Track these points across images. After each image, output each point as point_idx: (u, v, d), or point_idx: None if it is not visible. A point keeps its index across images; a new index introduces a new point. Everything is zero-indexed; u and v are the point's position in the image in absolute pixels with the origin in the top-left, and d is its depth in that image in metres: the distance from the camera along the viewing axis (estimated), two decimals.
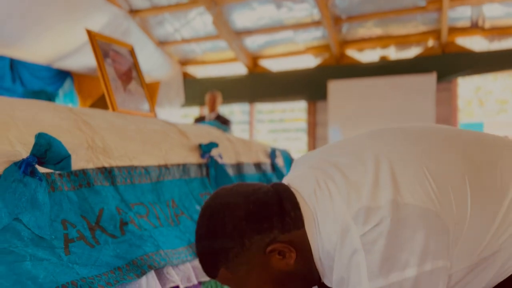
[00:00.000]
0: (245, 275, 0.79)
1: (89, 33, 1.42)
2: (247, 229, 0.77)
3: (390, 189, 0.72)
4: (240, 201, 0.79)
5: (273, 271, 0.79)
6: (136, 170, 1.07)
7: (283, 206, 0.78)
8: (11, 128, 0.80)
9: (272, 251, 0.77)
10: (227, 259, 0.78)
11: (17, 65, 4.34)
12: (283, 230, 0.77)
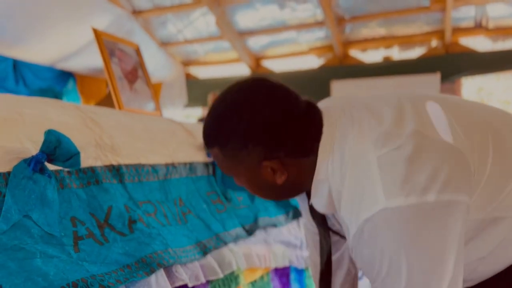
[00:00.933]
0: (233, 165, 0.81)
1: (95, 32, 1.41)
2: (258, 137, 0.76)
3: (414, 122, 0.71)
4: (269, 109, 0.76)
5: (259, 178, 0.80)
6: (143, 168, 1.06)
7: (304, 131, 0.77)
8: (20, 125, 0.79)
9: (267, 166, 0.77)
10: (225, 146, 0.78)
11: (20, 65, 4.34)
12: (289, 154, 0.77)
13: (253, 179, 0.82)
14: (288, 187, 0.82)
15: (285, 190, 0.84)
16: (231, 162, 0.80)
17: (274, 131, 0.76)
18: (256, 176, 0.80)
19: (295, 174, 0.79)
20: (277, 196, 0.88)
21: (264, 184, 0.81)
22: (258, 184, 0.82)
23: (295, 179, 0.80)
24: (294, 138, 0.77)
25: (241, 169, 0.80)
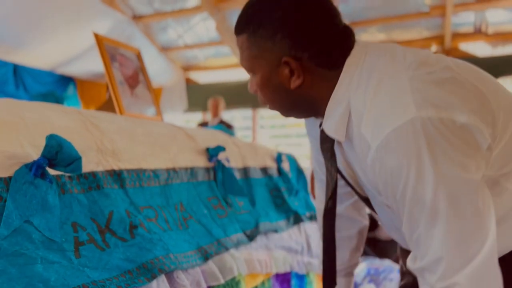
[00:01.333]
0: (255, 57, 0.80)
1: (96, 37, 1.41)
2: (289, 29, 0.75)
3: (450, 61, 0.74)
4: (310, 6, 0.75)
5: (275, 78, 0.79)
6: (145, 173, 1.06)
7: (336, 41, 0.77)
8: (22, 130, 0.79)
9: (287, 63, 0.76)
10: (255, 32, 0.78)
11: (20, 70, 4.35)
12: (313, 59, 0.76)
13: (268, 78, 0.80)
14: (299, 98, 0.80)
15: (295, 101, 0.81)
16: (255, 51, 0.79)
17: (307, 29, 0.75)
18: (272, 75, 0.79)
19: (310, 85, 0.78)
20: (285, 106, 0.84)
21: (277, 87, 0.80)
22: (271, 86, 0.80)
23: (309, 91, 0.79)
24: (324, 43, 0.76)
25: (261, 62, 0.79)
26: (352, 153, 0.79)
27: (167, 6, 4.87)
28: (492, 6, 4.16)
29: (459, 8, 4.24)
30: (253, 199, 1.49)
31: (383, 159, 0.67)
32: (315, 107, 0.82)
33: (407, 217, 0.68)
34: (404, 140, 0.64)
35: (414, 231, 0.67)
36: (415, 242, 0.68)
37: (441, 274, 0.64)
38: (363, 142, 0.71)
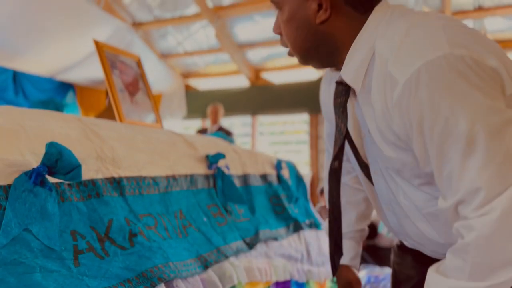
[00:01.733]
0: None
1: (96, 44, 1.42)
2: None
3: None
4: None
5: (302, 12, 0.79)
6: (144, 181, 1.05)
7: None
8: (22, 138, 0.79)
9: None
10: None
11: (20, 77, 4.36)
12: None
13: (295, 12, 0.80)
14: (322, 37, 0.80)
15: (318, 40, 0.81)
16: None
17: None
18: (300, 9, 0.79)
19: (335, 23, 0.78)
20: (306, 45, 0.83)
21: (302, 22, 0.80)
22: (296, 20, 0.80)
23: (333, 30, 0.79)
24: None
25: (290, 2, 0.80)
26: (366, 106, 0.79)
27: (167, 13, 4.90)
28: (490, 14, 4.18)
29: (458, 16, 4.26)
30: (253, 207, 1.48)
31: (413, 93, 0.66)
32: (335, 50, 0.81)
33: (437, 153, 0.67)
34: (437, 73, 0.64)
35: (444, 167, 0.66)
36: (445, 178, 0.67)
37: (478, 203, 0.63)
38: (388, 82, 0.70)
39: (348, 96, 0.83)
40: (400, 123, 0.71)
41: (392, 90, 0.69)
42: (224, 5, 4.66)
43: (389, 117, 0.73)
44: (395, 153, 0.77)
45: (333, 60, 0.84)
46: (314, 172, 5.43)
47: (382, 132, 0.77)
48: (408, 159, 0.75)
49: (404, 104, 0.68)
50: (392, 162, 0.79)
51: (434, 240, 0.84)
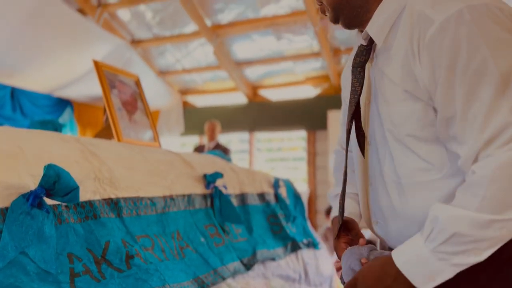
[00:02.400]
0: None
1: (96, 64, 1.43)
2: None
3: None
4: None
5: None
6: (142, 201, 1.05)
7: None
8: (20, 160, 0.79)
9: None
10: None
11: (17, 93, 4.37)
12: None
13: None
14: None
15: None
16: None
17: None
18: None
19: None
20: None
21: None
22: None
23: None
24: None
25: None
26: (384, 63, 0.82)
27: (166, 31, 4.94)
28: None
29: None
30: (251, 226, 1.48)
31: (452, 30, 0.68)
32: (365, 4, 0.84)
33: (467, 92, 0.68)
34: (479, 16, 0.66)
35: (471, 106, 0.67)
36: (470, 119, 0.68)
37: (507, 138, 0.64)
38: (422, 23, 0.72)
39: (368, 56, 0.86)
40: (427, 64, 0.72)
41: (426, 29, 0.71)
42: (223, 23, 4.72)
43: (413, 61, 0.74)
44: (405, 104, 0.78)
45: (361, 15, 0.86)
46: (311, 190, 5.42)
47: (399, 82, 0.78)
48: (419, 109, 0.76)
49: (438, 42, 0.69)
50: (397, 117, 0.80)
51: (403, 216, 0.83)
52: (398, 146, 0.81)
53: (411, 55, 0.74)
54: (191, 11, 4.41)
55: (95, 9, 4.63)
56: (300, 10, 4.33)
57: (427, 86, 0.73)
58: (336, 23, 0.91)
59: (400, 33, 0.77)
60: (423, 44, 0.72)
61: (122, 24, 4.96)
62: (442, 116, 0.72)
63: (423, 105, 0.75)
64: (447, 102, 0.71)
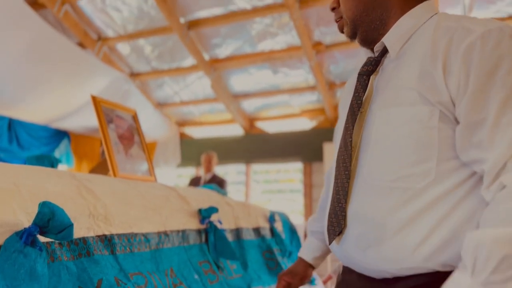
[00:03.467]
0: None
1: (94, 99, 1.45)
2: None
3: None
4: None
5: None
6: (136, 238, 1.05)
7: None
8: (15, 196, 0.79)
9: None
10: None
11: (15, 124, 4.39)
12: None
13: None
14: (378, 1, 0.89)
15: (374, 3, 0.89)
16: None
17: None
18: None
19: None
20: (360, 8, 0.91)
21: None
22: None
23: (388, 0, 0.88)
24: None
25: None
26: (395, 72, 0.85)
27: (164, 64, 5.03)
28: None
29: None
30: (246, 262, 1.46)
31: (495, 41, 0.72)
32: (384, 18, 0.89)
33: (503, 97, 0.70)
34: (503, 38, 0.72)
35: (506, 113, 0.69)
36: (504, 125, 0.69)
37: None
38: (459, 32, 0.75)
39: (375, 67, 0.90)
40: (460, 69, 0.74)
41: (464, 38, 0.74)
42: (220, 58, 4.81)
43: (433, 67, 0.77)
44: (412, 107, 0.79)
45: (378, 30, 0.91)
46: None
47: (412, 86, 0.80)
48: (425, 111, 0.78)
49: (478, 48, 0.72)
50: (399, 118, 0.81)
51: (374, 221, 0.82)
52: (388, 151, 0.82)
53: (432, 61, 0.77)
54: (189, 45, 4.50)
55: (95, 43, 4.73)
56: (295, 46, 4.43)
57: (452, 90, 0.75)
58: (353, 39, 0.96)
59: (419, 44, 0.82)
60: (458, 50, 0.74)
61: (121, 57, 5.05)
62: (469, 121, 0.73)
63: (430, 109, 0.77)
64: (479, 106, 0.72)
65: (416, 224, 0.76)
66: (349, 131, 0.90)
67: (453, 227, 0.74)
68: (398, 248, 0.78)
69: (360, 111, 0.90)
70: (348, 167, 0.88)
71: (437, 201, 0.75)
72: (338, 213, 0.89)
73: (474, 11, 3.76)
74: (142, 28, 4.54)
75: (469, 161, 0.74)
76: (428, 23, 0.84)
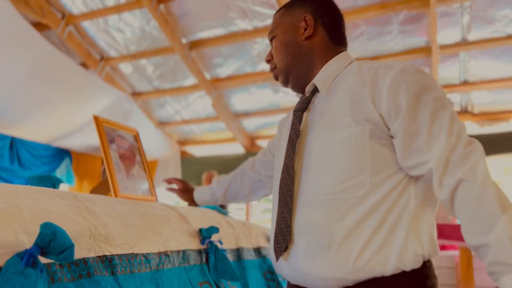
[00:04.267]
0: (284, 20, 1.11)
1: (96, 119, 1.47)
2: (315, 2, 1.10)
3: None
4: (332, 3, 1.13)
5: (292, 33, 1.09)
6: (136, 258, 1.05)
7: (342, 30, 1.12)
8: (17, 218, 0.80)
9: (305, 20, 1.07)
10: (290, 5, 1.12)
11: (17, 143, 4.41)
12: (325, 25, 1.08)
13: (287, 34, 1.09)
14: (304, 52, 1.08)
15: (300, 54, 1.08)
16: (285, 15, 1.12)
17: (328, 7, 1.10)
18: (292, 31, 1.09)
19: (315, 43, 1.07)
20: (290, 60, 1.09)
21: (290, 41, 1.09)
22: (286, 39, 1.09)
23: (313, 48, 1.07)
24: (335, 21, 1.10)
25: (286, 21, 1.11)
26: (327, 107, 1.01)
27: (166, 84, 5.08)
28: (476, 89, 4.37)
29: (445, 90, 4.44)
30: (246, 283, 1.45)
31: (411, 72, 0.91)
32: (312, 66, 1.08)
33: (431, 111, 0.88)
34: (415, 71, 0.93)
35: (435, 122, 0.88)
36: (437, 130, 0.87)
37: (468, 139, 0.86)
38: (381, 70, 0.93)
39: (308, 105, 1.06)
40: (388, 95, 0.90)
41: (387, 72, 0.92)
42: (221, 77, 4.86)
43: (362, 96, 0.93)
44: (346, 129, 0.94)
45: (306, 76, 1.09)
46: None
47: (346, 113, 0.95)
48: (357, 131, 0.93)
49: (400, 78, 0.90)
50: (336, 140, 0.95)
51: (321, 231, 0.92)
52: (329, 169, 0.94)
53: (360, 91, 0.94)
54: (191, 65, 4.55)
55: (98, 63, 4.79)
56: None
57: (383, 112, 0.91)
58: (286, 85, 1.14)
59: (345, 82, 0.99)
60: (384, 80, 0.92)
61: (123, 77, 5.10)
62: (407, 133, 0.89)
63: (361, 129, 0.92)
64: (413, 120, 0.89)
65: (359, 229, 0.88)
66: (290, 158, 1.01)
67: (389, 229, 0.88)
68: (346, 253, 0.88)
69: (298, 141, 1.03)
70: (291, 188, 0.99)
71: (376, 207, 0.89)
72: (284, 230, 0.98)
73: (473, 32, 3.81)
74: (144, 49, 4.60)
75: (413, 165, 0.89)
76: (349, 67, 1.03)
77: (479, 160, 0.83)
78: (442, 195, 0.85)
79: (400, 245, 0.86)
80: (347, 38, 1.13)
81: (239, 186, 1.36)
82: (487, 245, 0.78)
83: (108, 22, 4.33)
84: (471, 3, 3.54)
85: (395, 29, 3.94)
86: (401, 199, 0.90)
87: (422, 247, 0.88)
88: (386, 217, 0.88)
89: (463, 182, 0.82)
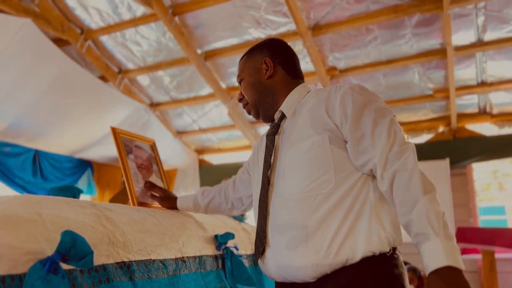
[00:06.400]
0: (249, 66, 1.30)
1: (113, 130, 1.52)
2: (272, 48, 1.29)
3: None
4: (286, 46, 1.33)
5: (256, 75, 1.28)
6: (153, 264, 1.08)
7: (296, 67, 1.31)
8: (39, 226, 0.84)
9: (265, 63, 1.26)
10: (251, 52, 1.32)
11: (40, 156, 4.52)
12: (282, 65, 1.27)
13: (253, 76, 1.28)
14: (268, 89, 1.26)
15: (266, 91, 1.26)
16: (248, 61, 1.30)
17: (283, 50, 1.30)
18: (255, 73, 1.28)
19: (276, 80, 1.26)
20: (258, 96, 1.28)
21: (257, 81, 1.27)
22: (252, 81, 1.28)
23: (275, 84, 1.26)
24: (290, 60, 1.29)
25: (250, 66, 1.29)
26: (293, 127, 1.17)
27: (183, 94, 5.16)
28: (494, 90, 4.31)
29: (462, 92, 4.39)
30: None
31: (357, 90, 1.09)
32: (276, 99, 1.26)
33: (372, 119, 1.05)
34: (363, 90, 1.12)
35: (376, 127, 1.04)
36: (378, 133, 1.03)
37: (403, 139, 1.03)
38: (333, 91, 1.12)
39: (277, 129, 1.23)
40: (339, 108, 1.08)
41: (337, 91, 1.11)
42: (236, 86, 4.91)
43: (321, 111, 1.11)
44: (310, 139, 1.10)
45: (273, 107, 1.27)
46: None
47: (308, 126, 1.12)
48: (318, 139, 1.09)
49: (348, 95, 1.08)
50: (302, 149, 1.11)
51: (296, 226, 1.06)
52: (299, 173, 1.09)
53: (318, 108, 1.12)
54: (206, 75, 4.62)
55: (116, 76, 4.90)
56: (310, 71, 4.49)
57: (337, 122, 1.08)
58: (258, 118, 1.32)
59: (306, 105, 1.17)
60: (336, 97, 1.10)
61: (141, 88, 5.20)
62: (354, 137, 1.05)
63: (322, 137, 1.09)
64: (358, 127, 1.05)
65: (329, 219, 1.02)
66: (265, 175, 1.18)
67: (354, 218, 1.02)
68: (320, 241, 1.02)
69: (272, 159, 1.20)
70: (266, 200, 1.15)
71: (341, 200, 1.03)
72: (261, 235, 1.14)
73: (488, 32, 3.76)
74: (161, 60, 4.69)
75: (362, 164, 1.04)
76: (308, 94, 1.22)
77: (410, 154, 0.98)
78: (383, 186, 0.99)
79: (365, 230, 1.00)
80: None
81: (222, 201, 1.49)
82: (410, 221, 0.92)
83: (125, 35, 4.44)
84: (485, 4, 3.51)
85: (409, 32, 3.93)
86: (362, 192, 1.05)
87: (384, 231, 1.01)
88: (351, 208, 1.03)
89: (398, 173, 0.97)
